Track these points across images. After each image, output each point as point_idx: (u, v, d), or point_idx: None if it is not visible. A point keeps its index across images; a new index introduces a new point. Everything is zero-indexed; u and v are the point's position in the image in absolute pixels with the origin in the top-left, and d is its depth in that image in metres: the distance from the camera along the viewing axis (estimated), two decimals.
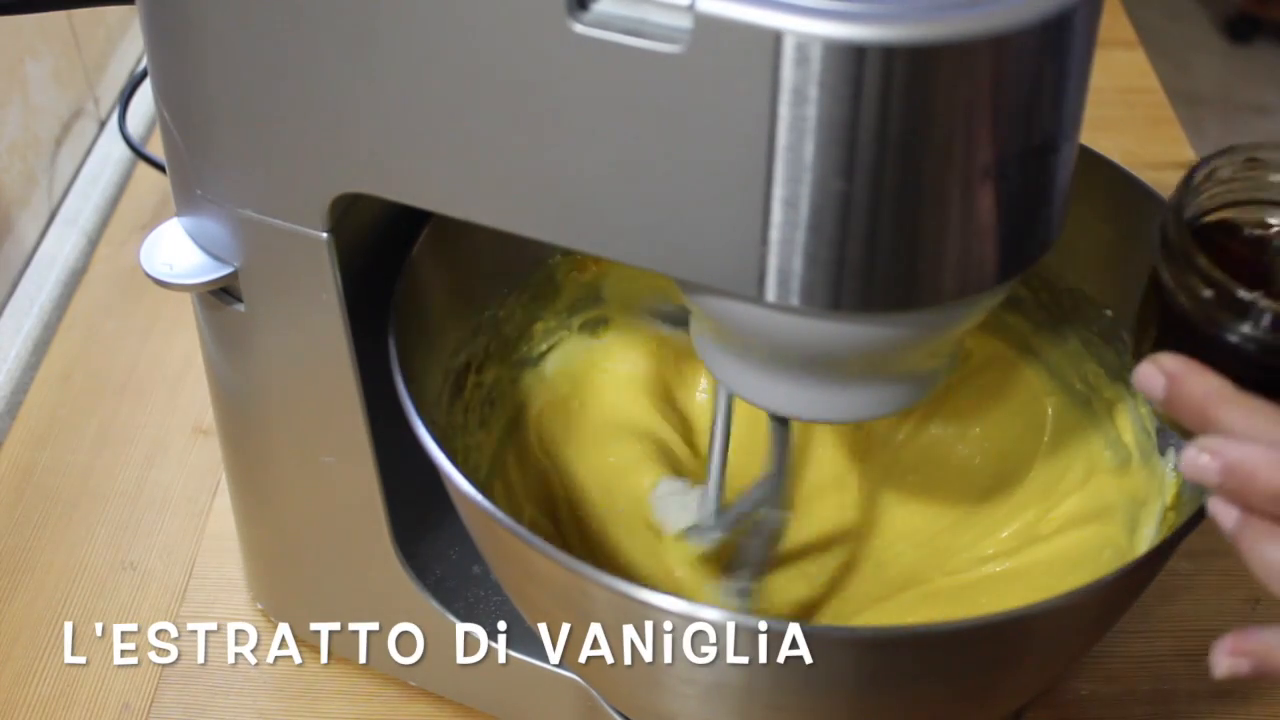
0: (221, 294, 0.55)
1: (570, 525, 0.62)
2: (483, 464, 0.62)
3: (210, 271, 0.53)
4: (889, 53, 0.36)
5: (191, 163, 0.50)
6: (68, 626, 0.68)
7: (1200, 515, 0.47)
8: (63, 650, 0.67)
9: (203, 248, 0.53)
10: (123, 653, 0.67)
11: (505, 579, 0.54)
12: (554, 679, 0.60)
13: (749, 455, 0.61)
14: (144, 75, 0.88)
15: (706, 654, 0.46)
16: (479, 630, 0.60)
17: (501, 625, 0.61)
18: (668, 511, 0.60)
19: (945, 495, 0.64)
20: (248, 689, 0.66)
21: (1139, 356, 0.46)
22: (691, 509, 0.59)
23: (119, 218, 0.94)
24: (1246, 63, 2.36)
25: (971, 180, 0.39)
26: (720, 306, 0.44)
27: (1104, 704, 0.64)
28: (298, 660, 0.67)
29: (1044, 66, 0.38)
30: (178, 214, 0.54)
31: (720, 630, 0.45)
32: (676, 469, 0.63)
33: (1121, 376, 0.61)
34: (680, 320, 0.64)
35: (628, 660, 0.50)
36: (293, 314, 0.53)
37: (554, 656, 0.58)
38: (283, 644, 0.68)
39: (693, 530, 0.58)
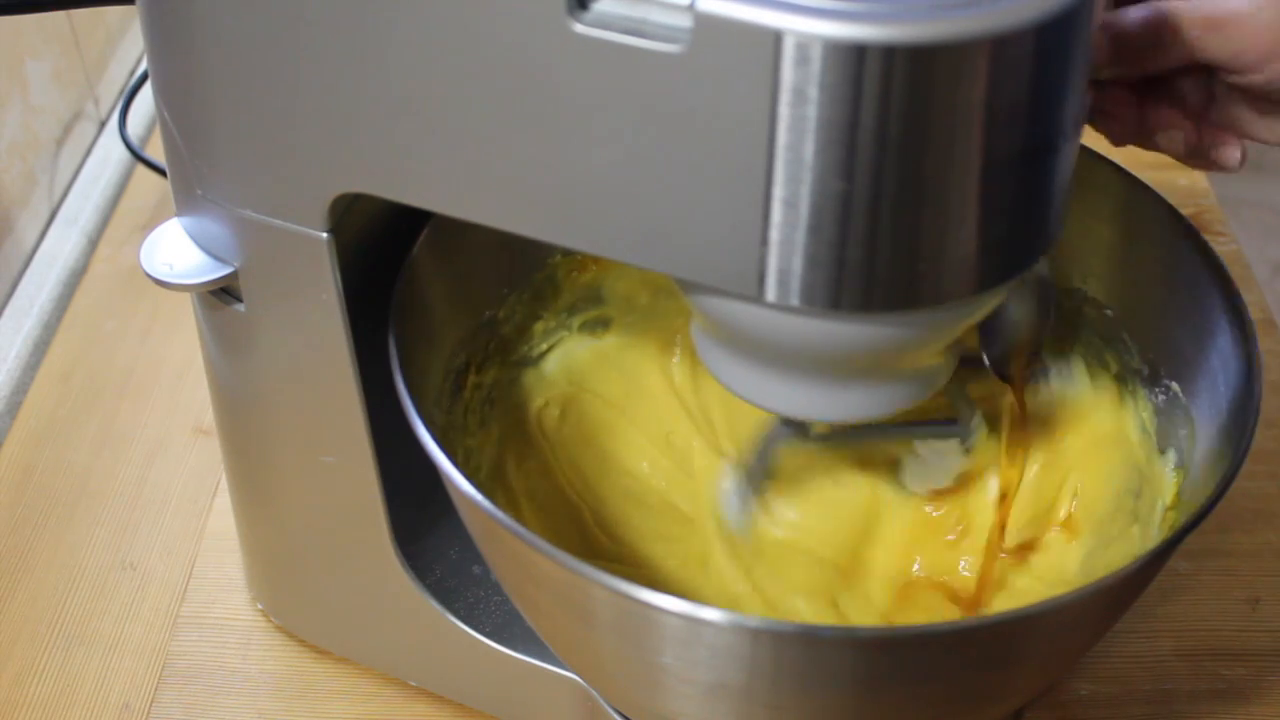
0: (221, 294, 0.55)
1: (586, 521, 0.62)
2: (483, 464, 0.62)
3: (210, 271, 0.53)
4: (889, 53, 0.36)
5: (191, 163, 0.50)
6: (68, 626, 0.69)
7: (1200, 515, 0.47)
8: (63, 650, 0.68)
9: (203, 248, 0.53)
10: (123, 653, 0.68)
11: (505, 579, 0.54)
12: (554, 679, 0.60)
13: None
14: (144, 78, 0.88)
15: (706, 654, 0.46)
16: (479, 630, 0.60)
17: (501, 625, 0.61)
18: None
19: (944, 496, 0.64)
20: (248, 689, 0.66)
21: None
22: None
23: (119, 218, 0.94)
24: None
25: (972, 180, 0.39)
26: (720, 306, 0.44)
27: (1104, 704, 0.64)
28: (298, 661, 0.67)
29: (1044, 66, 0.38)
30: (178, 214, 0.54)
31: (720, 630, 0.45)
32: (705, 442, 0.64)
33: (1122, 376, 0.61)
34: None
35: (628, 660, 0.50)
36: (293, 314, 0.53)
37: (554, 656, 0.58)
38: (283, 644, 0.68)
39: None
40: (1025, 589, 0.59)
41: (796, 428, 0.58)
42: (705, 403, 0.66)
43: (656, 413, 0.66)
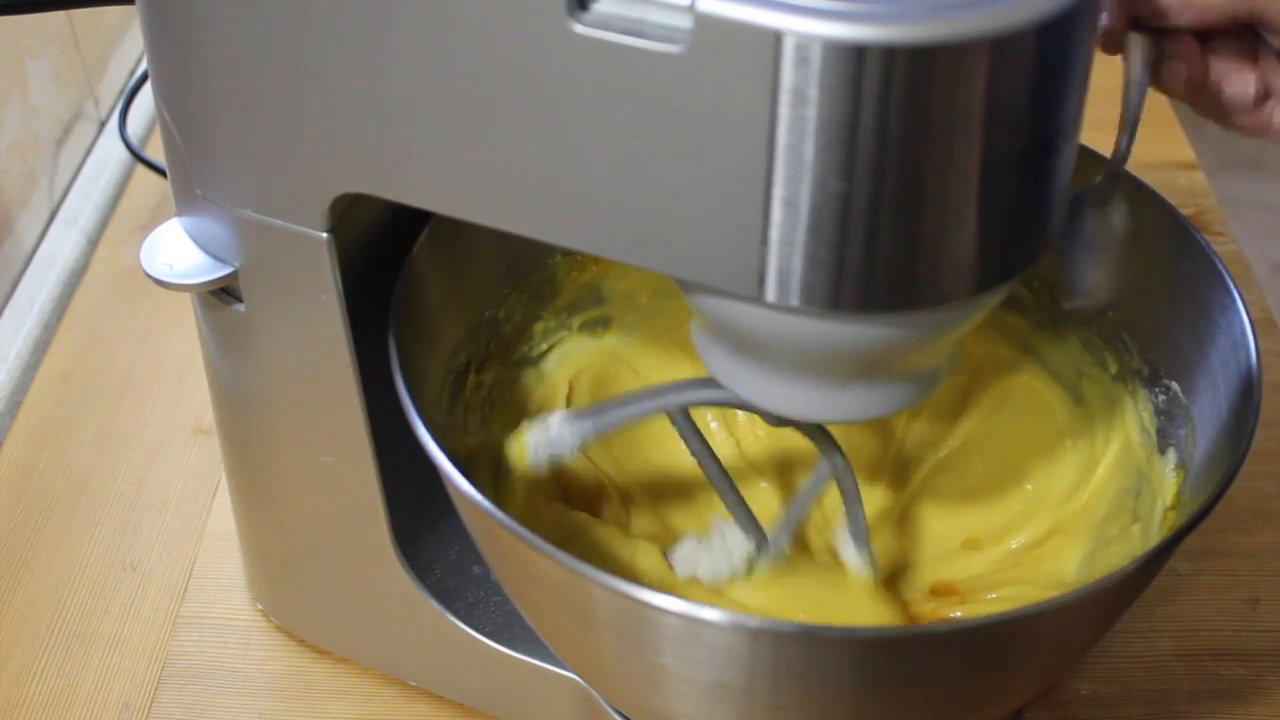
0: (221, 294, 0.55)
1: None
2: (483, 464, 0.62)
3: (210, 271, 0.53)
4: (889, 53, 0.36)
5: (191, 163, 0.50)
6: (68, 626, 0.69)
7: (1200, 515, 0.47)
8: (63, 650, 0.68)
9: (203, 248, 0.53)
10: (123, 653, 0.68)
11: (505, 579, 0.54)
12: (554, 679, 0.60)
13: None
14: (144, 78, 0.88)
15: (706, 654, 0.46)
16: (479, 630, 0.60)
17: (501, 625, 0.61)
18: (710, 566, 0.57)
19: (944, 496, 0.64)
20: (248, 689, 0.66)
21: None
22: (725, 547, 0.56)
23: (119, 218, 0.94)
24: None
25: (971, 180, 0.39)
26: (720, 307, 0.44)
27: (1104, 704, 0.64)
28: (298, 661, 0.67)
29: (1044, 67, 0.38)
30: (178, 214, 0.54)
31: (720, 630, 0.45)
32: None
33: (1122, 376, 0.61)
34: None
35: (628, 660, 0.50)
36: (293, 314, 0.53)
37: (554, 656, 0.58)
38: (283, 644, 0.68)
39: (760, 559, 0.56)
40: (1023, 591, 0.59)
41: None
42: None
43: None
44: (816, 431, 0.54)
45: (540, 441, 0.54)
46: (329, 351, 0.53)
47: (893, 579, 0.62)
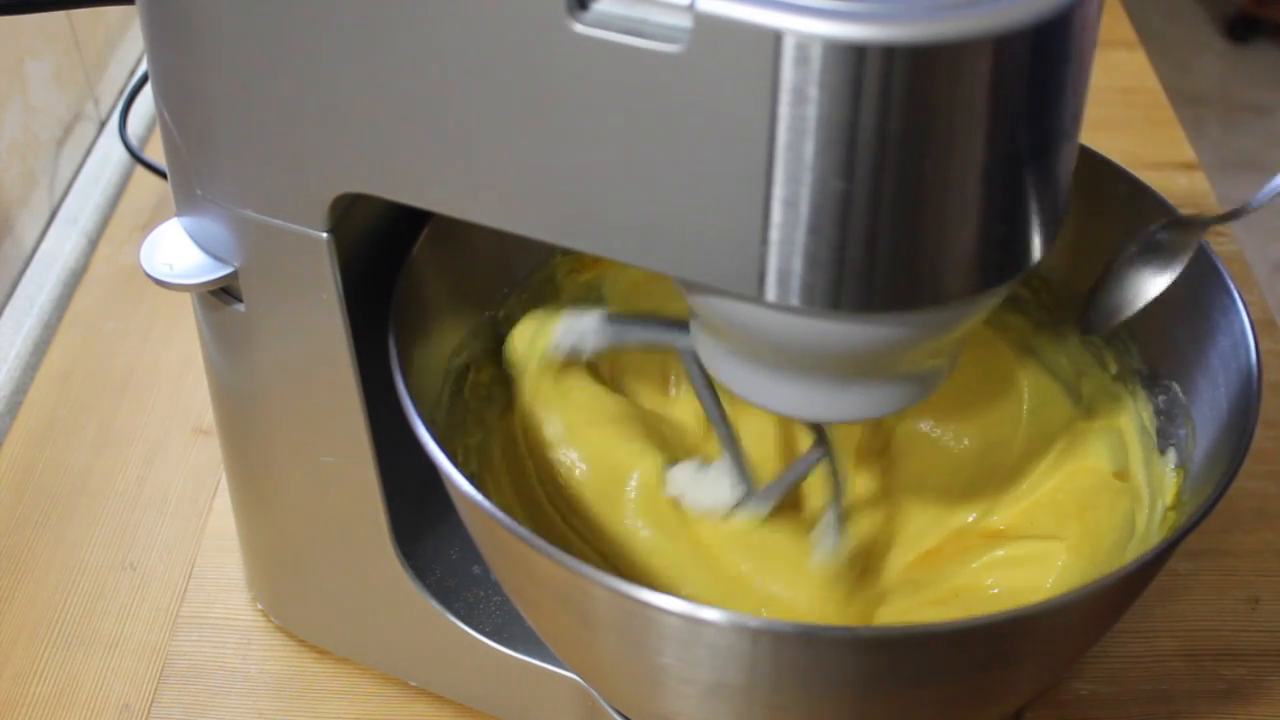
0: (221, 294, 0.55)
1: (568, 514, 0.62)
2: (482, 464, 0.62)
3: (210, 271, 0.53)
4: (889, 53, 0.36)
5: (191, 163, 0.50)
6: (68, 626, 0.69)
7: (1200, 515, 0.47)
8: (63, 650, 0.68)
9: (203, 248, 0.53)
10: (123, 653, 0.68)
11: (505, 579, 0.54)
12: (554, 679, 0.60)
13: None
14: (144, 78, 0.88)
15: (706, 654, 0.46)
16: (478, 630, 0.60)
17: (501, 625, 0.61)
18: (696, 494, 0.59)
19: (939, 493, 0.64)
20: (248, 689, 0.66)
21: None
22: (718, 484, 0.58)
23: (119, 218, 0.94)
24: (1246, 63, 2.37)
25: (971, 180, 0.39)
26: (720, 306, 0.44)
27: (1104, 704, 0.65)
28: (298, 660, 0.67)
29: (1044, 66, 0.38)
30: (178, 214, 0.54)
31: (720, 630, 0.45)
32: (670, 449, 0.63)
33: (1122, 376, 0.61)
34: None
35: (628, 660, 0.50)
36: (293, 314, 0.53)
37: (554, 656, 0.58)
38: (283, 644, 0.68)
39: (740, 509, 0.57)
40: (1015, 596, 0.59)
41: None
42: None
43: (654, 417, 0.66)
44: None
45: (571, 327, 0.56)
46: (329, 351, 0.53)
47: (876, 564, 0.62)
